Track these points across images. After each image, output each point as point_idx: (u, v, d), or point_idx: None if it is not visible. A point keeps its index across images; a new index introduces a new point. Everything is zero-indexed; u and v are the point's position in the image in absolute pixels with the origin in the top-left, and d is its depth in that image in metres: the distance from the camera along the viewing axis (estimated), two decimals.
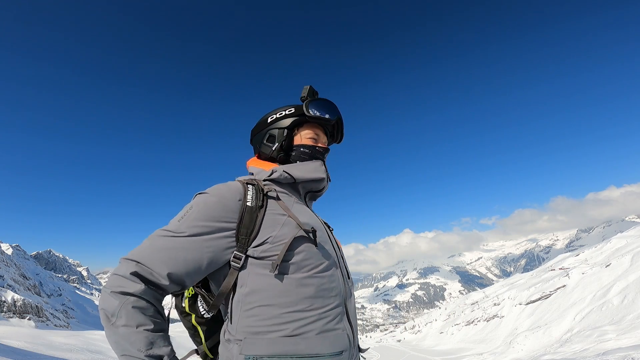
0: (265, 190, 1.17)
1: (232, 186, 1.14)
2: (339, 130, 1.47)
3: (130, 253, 1.04)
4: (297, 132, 1.38)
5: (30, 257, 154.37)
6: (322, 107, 1.38)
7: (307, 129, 1.39)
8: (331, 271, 1.14)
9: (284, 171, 1.25)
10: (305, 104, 1.35)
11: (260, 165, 1.35)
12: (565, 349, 20.52)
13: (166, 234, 1.05)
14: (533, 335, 34.34)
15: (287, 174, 1.25)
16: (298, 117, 1.35)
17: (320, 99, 1.39)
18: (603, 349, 14.74)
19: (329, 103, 1.40)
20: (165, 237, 1.05)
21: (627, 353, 10.71)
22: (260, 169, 1.33)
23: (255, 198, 1.13)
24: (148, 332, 0.96)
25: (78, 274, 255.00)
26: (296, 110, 1.36)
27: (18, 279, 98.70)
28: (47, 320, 78.80)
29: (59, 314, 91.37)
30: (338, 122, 1.43)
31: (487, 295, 65.22)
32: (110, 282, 0.99)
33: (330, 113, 1.38)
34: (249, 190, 1.14)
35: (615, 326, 21.79)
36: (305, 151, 1.36)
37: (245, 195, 1.13)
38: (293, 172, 1.26)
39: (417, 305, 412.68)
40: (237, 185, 1.15)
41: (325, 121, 1.37)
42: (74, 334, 44.23)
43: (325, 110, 1.37)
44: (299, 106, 1.37)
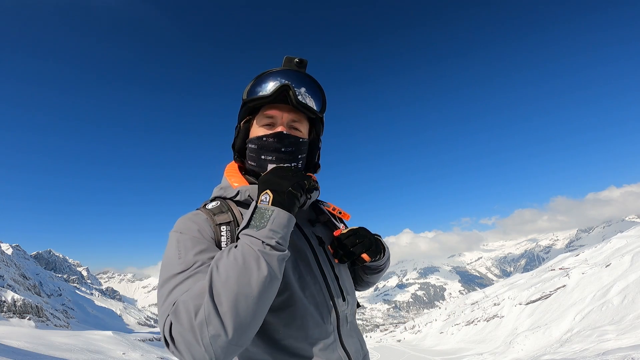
0: (216, 221, 0.99)
1: (199, 216, 1.01)
2: (293, 101, 1.06)
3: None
4: (252, 123, 1.14)
5: (30, 257, 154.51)
6: (261, 81, 1.08)
7: (259, 116, 1.11)
8: (312, 299, 1.01)
9: (249, 196, 1.05)
10: (247, 86, 1.10)
11: (230, 177, 1.13)
12: (565, 349, 20.53)
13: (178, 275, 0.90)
14: (533, 335, 34.35)
15: (251, 200, 1.04)
16: (243, 106, 1.12)
17: (264, 72, 1.10)
18: (603, 349, 14.75)
19: (274, 73, 1.08)
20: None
21: (627, 353, 10.72)
22: (228, 184, 1.11)
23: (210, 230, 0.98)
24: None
25: (78, 274, 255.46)
26: (243, 97, 1.11)
27: (18, 279, 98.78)
28: (47, 320, 78.84)
29: (59, 314, 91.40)
30: (284, 90, 1.05)
31: (487, 295, 65.26)
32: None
33: (266, 85, 1.07)
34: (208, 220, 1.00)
35: (615, 326, 21.79)
36: (252, 147, 1.10)
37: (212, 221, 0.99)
38: (254, 195, 1.04)
39: (417, 305, 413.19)
40: (203, 215, 1.01)
41: (263, 99, 1.06)
42: (74, 334, 44.26)
43: (262, 84, 1.07)
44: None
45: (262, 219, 0.88)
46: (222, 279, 0.84)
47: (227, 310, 0.84)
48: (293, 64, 1.12)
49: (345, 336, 1.06)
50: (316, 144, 1.21)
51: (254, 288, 0.84)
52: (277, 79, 1.06)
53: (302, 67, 1.13)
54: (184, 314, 0.84)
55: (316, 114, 1.12)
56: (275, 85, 1.05)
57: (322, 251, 1.10)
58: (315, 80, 1.12)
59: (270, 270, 0.85)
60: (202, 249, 0.92)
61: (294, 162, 1.10)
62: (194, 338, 0.84)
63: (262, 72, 1.09)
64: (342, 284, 1.10)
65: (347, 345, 1.05)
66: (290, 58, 1.12)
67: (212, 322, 0.84)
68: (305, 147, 1.13)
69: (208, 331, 0.85)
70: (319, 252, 1.09)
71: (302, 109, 1.07)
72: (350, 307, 1.11)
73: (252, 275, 0.84)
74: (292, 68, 1.11)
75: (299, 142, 1.10)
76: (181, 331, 0.85)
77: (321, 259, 1.08)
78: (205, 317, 0.84)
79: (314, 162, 1.22)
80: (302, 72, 1.11)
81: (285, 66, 1.11)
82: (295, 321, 0.97)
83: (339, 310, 1.05)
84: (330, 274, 1.07)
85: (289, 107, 1.08)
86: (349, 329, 1.08)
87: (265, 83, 1.07)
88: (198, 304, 0.84)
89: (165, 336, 0.88)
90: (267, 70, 1.09)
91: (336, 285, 1.07)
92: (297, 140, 1.09)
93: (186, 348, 0.85)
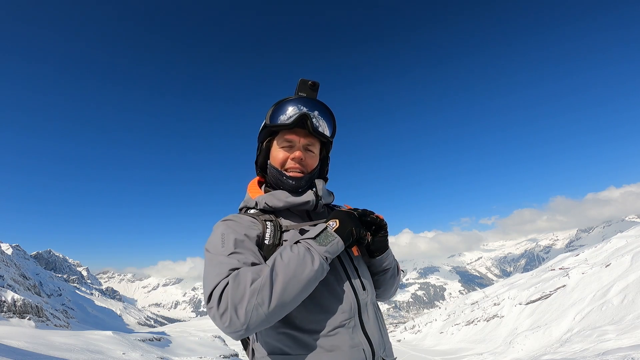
0: (262, 219, 1.22)
1: (241, 216, 1.23)
2: (310, 128, 1.25)
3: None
4: (272, 144, 1.32)
5: (30, 257, 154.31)
6: (283, 109, 1.26)
7: (279, 138, 1.30)
8: (332, 287, 1.16)
9: (265, 203, 1.25)
10: (269, 111, 1.27)
11: (251, 191, 1.34)
12: (565, 349, 20.50)
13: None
14: (533, 335, 34.34)
15: (268, 206, 1.24)
16: (265, 128, 1.30)
17: (284, 99, 1.28)
18: (603, 349, 14.73)
19: (293, 102, 1.27)
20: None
21: (627, 353, 10.70)
22: (249, 196, 1.32)
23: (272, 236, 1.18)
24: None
25: (78, 274, 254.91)
26: (265, 122, 1.29)
27: (18, 279, 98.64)
28: (47, 320, 78.70)
29: (59, 314, 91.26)
30: (302, 119, 1.24)
31: (487, 295, 65.24)
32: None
33: (285, 110, 1.26)
34: (267, 227, 1.20)
35: (615, 326, 21.76)
36: (273, 173, 1.31)
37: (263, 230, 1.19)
38: (273, 204, 1.24)
39: (417, 305, 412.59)
40: (247, 216, 1.23)
41: (284, 126, 1.25)
42: (74, 334, 44.19)
43: (284, 112, 1.26)
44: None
45: (326, 239, 1.11)
46: (284, 262, 1.10)
47: (279, 287, 1.10)
48: (307, 87, 1.29)
49: (367, 322, 1.18)
50: (326, 161, 1.42)
51: (304, 277, 1.10)
52: (296, 106, 1.25)
53: (315, 89, 1.30)
54: (243, 279, 1.10)
55: (327, 138, 1.32)
56: (294, 112, 1.24)
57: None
58: (328, 108, 1.31)
59: (319, 269, 1.11)
60: (242, 244, 1.12)
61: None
62: (242, 301, 1.10)
63: (281, 100, 1.27)
64: (362, 275, 1.25)
65: (368, 331, 1.16)
66: (305, 81, 1.29)
67: (263, 292, 1.10)
68: (315, 175, 1.35)
69: (256, 299, 1.10)
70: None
71: (317, 135, 1.28)
72: (370, 296, 1.24)
73: (307, 267, 1.10)
74: (307, 91, 1.30)
75: (310, 179, 1.33)
76: (233, 293, 1.10)
77: (341, 253, 1.22)
78: (260, 286, 1.10)
79: (324, 176, 1.44)
80: (318, 101, 1.29)
81: (301, 89, 1.29)
82: (317, 307, 1.12)
83: (360, 298, 1.18)
84: (350, 267, 1.23)
85: (305, 132, 1.27)
86: (370, 317, 1.20)
87: (285, 108, 1.25)
88: (256, 277, 1.10)
89: (212, 296, 1.10)
90: (286, 97, 1.28)
91: (356, 276, 1.22)
92: (310, 177, 1.33)
93: (228, 309, 1.10)
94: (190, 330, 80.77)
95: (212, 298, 1.10)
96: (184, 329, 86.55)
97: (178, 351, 53.29)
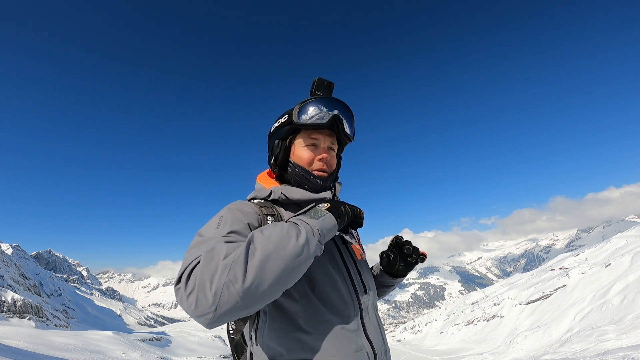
0: (264, 212, 1.12)
1: (249, 205, 1.13)
2: (340, 130, 1.23)
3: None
4: (294, 142, 1.26)
5: (30, 257, 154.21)
6: (314, 108, 1.20)
7: (303, 136, 1.24)
8: (337, 286, 1.11)
9: (282, 193, 1.17)
10: (295, 109, 1.21)
11: (264, 182, 1.27)
12: (565, 349, 20.50)
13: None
14: (533, 335, 34.35)
15: (284, 196, 1.17)
16: (289, 125, 1.23)
17: (312, 98, 1.22)
18: (603, 349, 14.73)
19: (323, 101, 1.22)
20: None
21: (627, 353, 10.70)
22: (262, 186, 1.25)
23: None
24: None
25: (78, 274, 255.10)
26: (289, 118, 1.22)
27: (18, 279, 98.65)
28: (47, 320, 78.72)
29: (59, 314, 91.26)
30: (336, 121, 1.21)
31: (487, 295, 65.23)
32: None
33: (322, 115, 1.20)
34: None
35: (615, 326, 21.76)
36: (298, 172, 1.24)
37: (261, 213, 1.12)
38: (291, 195, 1.18)
39: (417, 305, 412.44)
40: (252, 205, 1.14)
41: (317, 126, 1.19)
42: (74, 334, 44.22)
43: (317, 113, 1.20)
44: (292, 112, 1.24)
45: (316, 214, 1.03)
46: (264, 236, 1.00)
47: (255, 262, 0.99)
48: (324, 86, 1.26)
49: (368, 326, 1.15)
50: (339, 161, 1.36)
51: (287, 253, 1.00)
52: (327, 106, 1.20)
53: (331, 89, 1.28)
54: (216, 255, 0.98)
55: (351, 141, 1.31)
56: (325, 113, 1.19)
57: (345, 249, 1.23)
58: (351, 110, 1.28)
59: (305, 246, 1.01)
60: (239, 230, 1.04)
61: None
62: (211, 277, 0.97)
63: (308, 98, 1.23)
64: (364, 279, 1.22)
65: (370, 334, 1.13)
66: (322, 80, 1.26)
67: (236, 266, 0.98)
68: (335, 175, 1.32)
69: (227, 274, 0.98)
70: (342, 249, 1.21)
71: (344, 138, 1.27)
72: (372, 301, 1.22)
73: (290, 241, 1.00)
74: (323, 91, 1.26)
75: (333, 179, 1.31)
76: (204, 270, 0.98)
77: (345, 256, 1.20)
78: (233, 260, 0.98)
79: (336, 175, 1.38)
80: (345, 104, 1.25)
81: (318, 88, 1.25)
82: (321, 309, 1.06)
83: (362, 302, 1.15)
84: (353, 269, 1.19)
85: (329, 132, 1.24)
86: (371, 321, 1.17)
87: (315, 107, 1.20)
88: (231, 252, 0.99)
89: (182, 274, 0.98)
90: (313, 96, 1.23)
91: (359, 280, 1.19)
92: (334, 178, 1.31)
93: (195, 288, 0.97)
94: (190, 330, 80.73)
95: (181, 278, 0.98)
96: (184, 329, 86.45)
97: (178, 351, 53.35)
